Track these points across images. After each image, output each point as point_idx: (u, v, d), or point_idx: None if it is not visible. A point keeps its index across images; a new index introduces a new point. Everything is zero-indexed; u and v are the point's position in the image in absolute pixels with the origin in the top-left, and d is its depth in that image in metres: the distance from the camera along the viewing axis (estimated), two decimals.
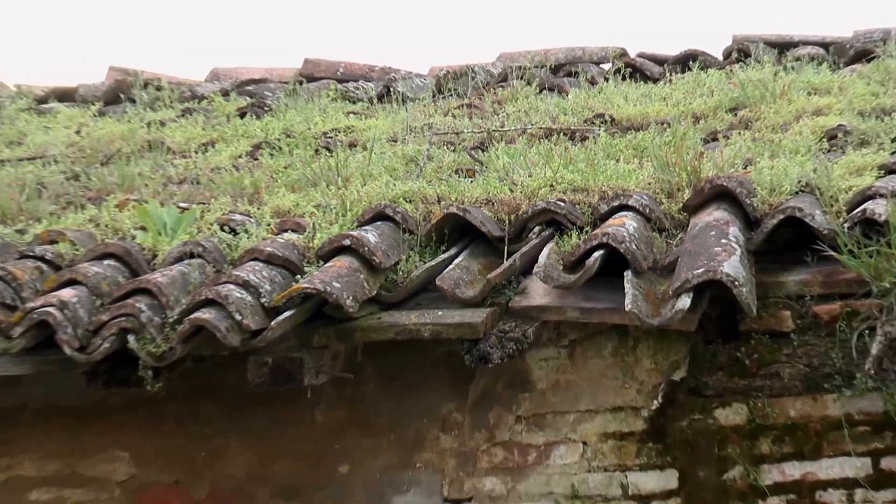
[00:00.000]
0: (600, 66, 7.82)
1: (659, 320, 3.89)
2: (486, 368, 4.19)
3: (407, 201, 4.86)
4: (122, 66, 8.56)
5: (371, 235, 4.45)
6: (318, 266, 4.38)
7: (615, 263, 4.12)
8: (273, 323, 4.04)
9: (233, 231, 4.82)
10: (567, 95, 7.00)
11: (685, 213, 4.59)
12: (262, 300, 4.15)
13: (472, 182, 5.07)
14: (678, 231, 4.51)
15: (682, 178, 4.79)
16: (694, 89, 6.75)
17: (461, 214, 4.59)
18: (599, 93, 6.97)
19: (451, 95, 7.33)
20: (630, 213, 4.47)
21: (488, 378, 4.43)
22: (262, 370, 4.11)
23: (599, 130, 5.90)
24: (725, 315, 4.18)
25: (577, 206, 4.64)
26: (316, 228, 4.67)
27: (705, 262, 3.94)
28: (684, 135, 5.21)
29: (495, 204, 4.74)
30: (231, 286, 4.13)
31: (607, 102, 6.62)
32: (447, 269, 4.33)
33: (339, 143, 6.15)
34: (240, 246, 4.62)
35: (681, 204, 4.64)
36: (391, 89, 7.54)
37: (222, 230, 4.84)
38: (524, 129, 6.05)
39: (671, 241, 4.45)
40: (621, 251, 4.10)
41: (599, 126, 6.03)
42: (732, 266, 3.92)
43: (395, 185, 5.10)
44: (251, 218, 4.98)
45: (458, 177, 5.25)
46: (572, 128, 6.01)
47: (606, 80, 7.35)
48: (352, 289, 4.15)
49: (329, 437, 4.58)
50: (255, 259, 4.38)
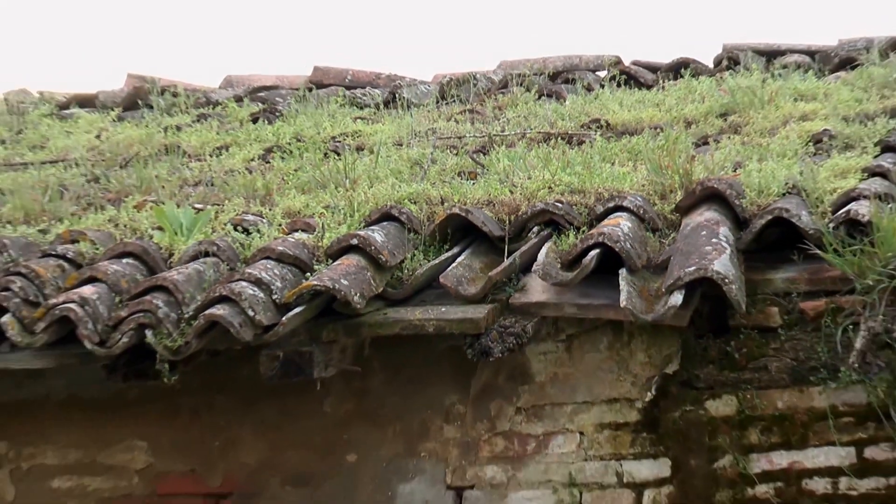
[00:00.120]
0: (596, 73, 7.78)
1: (652, 316, 3.90)
2: (487, 362, 4.19)
3: (412, 202, 4.86)
4: (139, 73, 8.55)
5: (377, 235, 4.45)
6: (327, 264, 4.38)
7: (611, 262, 4.12)
8: (284, 318, 4.04)
9: (246, 231, 4.82)
10: (565, 101, 6.98)
11: (677, 214, 4.58)
12: (274, 297, 4.15)
13: (473, 184, 5.07)
14: (671, 231, 4.51)
15: (675, 181, 4.79)
16: (686, 95, 6.73)
17: (463, 215, 4.59)
18: (595, 99, 6.95)
19: (454, 101, 7.31)
20: (625, 213, 4.47)
21: (489, 371, 4.43)
22: (274, 364, 4.10)
23: (595, 135, 5.89)
24: (716, 311, 4.18)
25: (574, 207, 4.64)
26: (325, 228, 4.67)
27: (697, 260, 3.95)
28: (676, 139, 5.21)
29: (496, 205, 4.73)
30: (244, 283, 4.13)
31: (603, 108, 6.61)
32: (450, 268, 4.33)
33: (347, 146, 6.14)
34: (252, 245, 4.62)
35: (673, 205, 4.64)
36: (397, 96, 7.52)
37: (236, 230, 4.84)
38: (524, 133, 6.05)
39: (664, 241, 4.44)
40: (616, 250, 4.10)
41: (595, 131, 6.02)
42: (722, 264, 3.92)
43: (400, 187, 5.10)
44: (263, 218, 4.98)
45: (461, 179, 5.25)
46: (570, 132, 6.00)
47: (602, 86, 7.32)
48: (359, 286, 4.15)
49: (337, 427, 4.58)
50: (267, 258, 4.38)
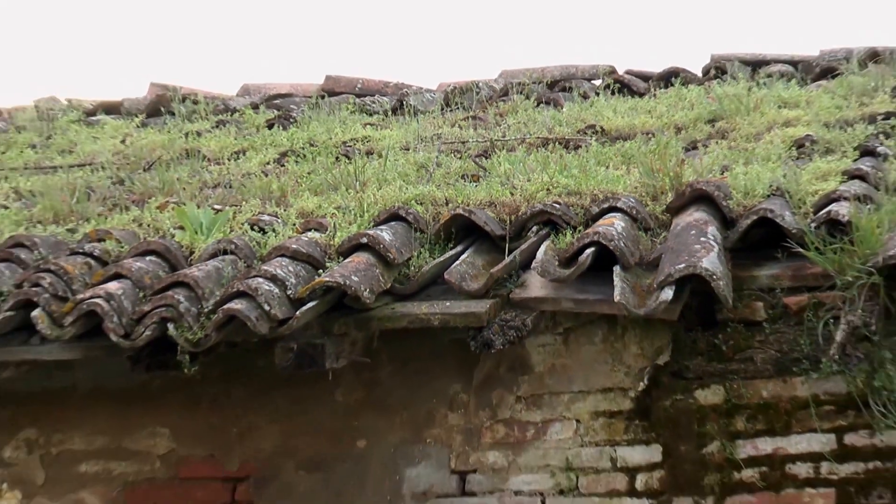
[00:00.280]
0: (592, 81, 7.77)
1: (644, 310, 3.89)
2: (489, 353, 4.18)
3: (418, 203, 4.86)
4: (162, 82, 8.54)
5: (386, 234, 4.45)
6: (338, 262, 4.37)
7: (605, 259, 4.12)
8: (298, 312, 4.04)
9: (262, 230, 4.82)
10: (562, 108, 6.97)
11: (668, 214, 4.58)
12: (288, 292, 4.15)
13: (476, 186, 5.06)
14: (662, 230, 4.50)
15: (666, 183, 4.78)
16: (676, 103, 6.72)
17: (467, 215, 4.59)
18: (591, 106, 6.93)
19: (458, 108, 7.30)
20: (618, 214, 4.46)
21: (491, 362, 4.43)
22: (288, 355, 4.11)
23: (591, 140, 5.88)
24: (704, 306, 4.18)
25: (571, 207, 4.64)
26: (336, 228, 4.67)
27: (686, 258, 3.95)
28: (667, 144, 5.20)
29: (497, 206, 4.73)
30: (260, 279, 4.13)
31: (598, 115, 6.59)
32: (454, 265, 4.32)
33: (357, 151, 6.14)
34: (268, 243, 4.62)
35: (664, 206, 4.63)
36: (404, 103, 7.51)
37: (252, 229, 4.84)
38: (523, 138, 6.04)
39: (655, 240, 4.44)
40: (611, 248, 4.10)
41: (591, 136, 6.02)
42: (711, 262, 3.92)
43: (407, 189, 5.10)
44: (278, 218, 4.98)
45: (464, 181, 5.24)
46: (567, 137, 5.99)
47: (597, 94, 7.31)
48: (369, 282, 4.15)
49: (348, 415, 4.58)
50: (282, 255, 4.38)
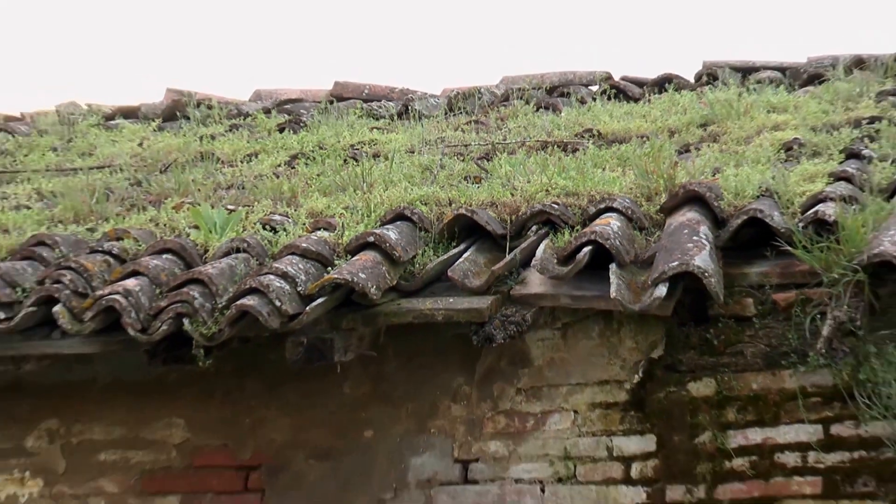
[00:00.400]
0: (589, 87, 7.74)
1: (639, 306, 3.89)
2: (490, 348, 4.18)
3: (423, 204, 4.85)
4: (177, 87, 8.53)
5: (392, 233, 4.45)
6: (346, 259, 4.38)
7: (602, 257, 4.11)
8: (308, 308, 4.04)
9: (273, 229, 4.82)
10: (560, 113, 6.96)
11: (662, 214, 4.57)
12: (299, 289, 4.15)
13: (478, 187, 5.06)
14: (656, 230, 4.49)
15: (660, 184, 4.77)
16: (669, 108, 6.70)
17: (469, 215, 4.59)
18: (588, 111, 6.91)
19: (461, 113, 7.29)
20: (614, 214, 4.46)
21: (493, 356, 4.42)
22: (298, 349, 4.11)
23: (588, 143, 5.87)
24: (697, 302, 4.17)
25: (569, 208, 4.63)
26: (344, 227, 4.67)
27: (679, 256, 3.94)
28: (661, 147, 5.19)
29: (499, 206, 4.72)
30: (272, 277, 4.13)
31: (595, 119, 6.58)
32: (457, 262, 4.32)
33: (365, 154, 6.13)
34: (279, 242, 4.62)
35: (658, 206, 4.62)
36: (409, 108, 7.50)
37: (264, 229, 4.84)
38: (523, 142, 6.03)
39: (650, 239, 4.43)
40: (607, 247, 4.09)
41: (588, 139, 6.00)
42: (703, 260, 3.91)
43: (412, 190, 5.09)
44: (289, 218, 4.98)
45: (467, 183, 5.23)
46: (565, 141, 5.98)
47: (594, 99, 7.28)
48: (375, 279, 4.15)
49: (356, 407, 4.58)
50: (293, 253, 4.38)
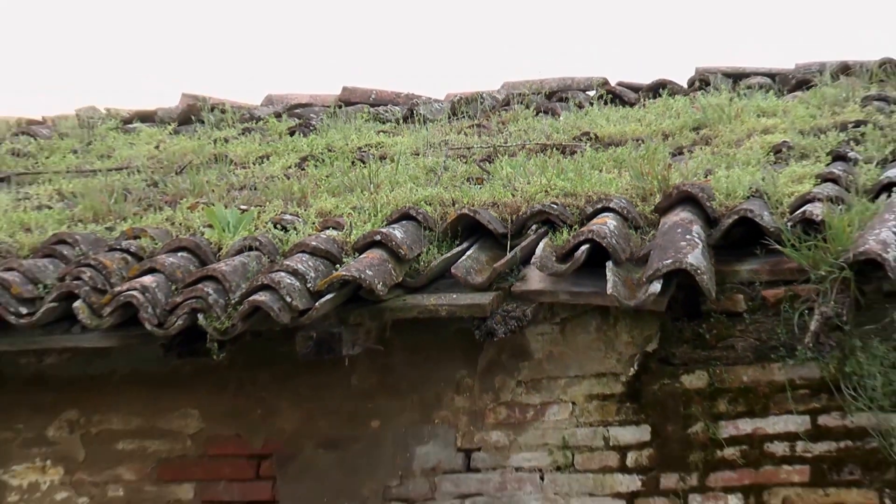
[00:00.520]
0: (586, 92, 7.73)
1: (635, 302, 3.89)
2: (492, 341, 4.19)
3: (427, 204, 4.85)
4: (192, 92, 8.52)
5: (398, 232, 4.45)
6: (354, 257, 4.38)
7: (599, 255, 4.12)
8: (317, 304, 4.05)
9: (284, 228, 4.82)
10: (559, 117, 6.95)
11: (656, 214, 4.57)
12: (308, 285, 4.15)
13: (480, 188, 5.06)
14: (650, 229, 4.49)
15: (654, 185, 4.77)
16: (663, 112, 6.69)
17: (472, 215, 4.59)
18: (586, 115, 6.90)
19: (464, 117, 7.28)
20: (611, 214, 4.46)
21: (494, 350, 4.42)
22: (308, 343, 4.12)
23: (585, 146, 5.86)
24: (690, 298, 4.17)
25: (567, 208, 4.63)
26: (352, 226, 4.68)
27: (673, 254, 3.94)
28: (655, 150, 5.19)
29: (500, 206, 4.72)
30: (282, 273, 4.14)
31: (592, 123, 6.57)
32: (460, 260, 4.32)
33: (372, 156, 6.13)
34: (289, 240, 4.63)
35: (653, 206, 4.62)
36: (414, 112, 7.50)
37: (275, 228, 4.84)
38: (524, 144, 6.03)
39: (645, 237, 4.43)
40: (604, 245, 4.10)
41: (586, 142, 6.00)
42: (695, 257, 3.92)
43: (417, 190, 5.09)
44: (299, 218, 4.98)
45: (469, 184, 5.23)
46: (563, 144, 5.98)
47: (591, 104, 7.27)
48: (382, 276, 4.15)
49: (363, 398, 4.58)
50: (303, 251, 4.38)
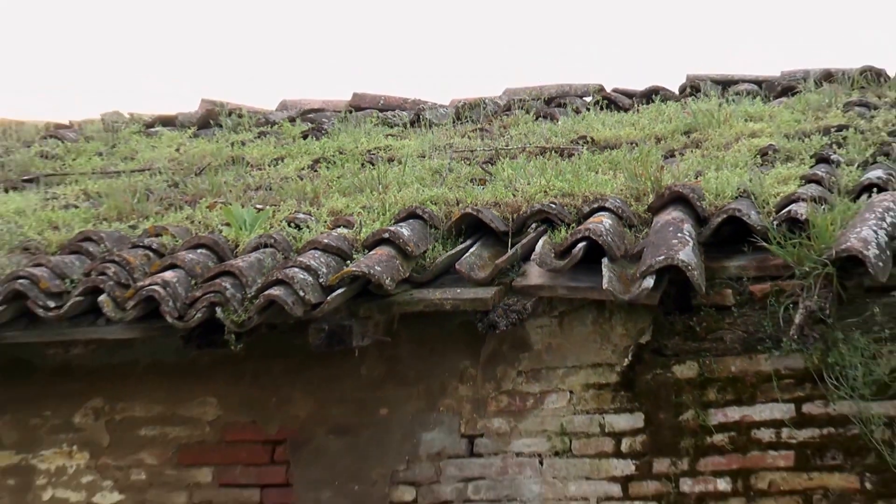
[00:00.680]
0: (583, 98, 7.71)
1: (629, 296, 3.90)
2: (494, 334, 4.21)
3: (433, 204, 4.85)
4: (211, 98, 8.52)
5: (405, 230, 4.46)
6: (363, 254, 4.39)
7: (595, 252, 4.12)
8: (329, 298, 4.06)
9: (297, 227, 4.83)
10: (557, 122, 6.94)
11: (649, 213, 4.57)
12: (320, 280, 4.17)
13: (483, 189, 5.06)
14: (644, 227, 4.49)
15: (647, 186, 4.77)
16: (656, 117, 6.68)
17: (475, 214, 4.59)
18: (583, 120, 6.90)
19: (467, 121, 7.28)
20: (606, 213, 4.46)
21: (496, 341, 4.43)
22: (320, 335, 4.13)
23: (582, 149, 5.87)
24: (681, 292, 4.17)
25: (565, 207, 4.63)
26: (362, 225, 4.68)
27: (665, 251, 3.95)
28: (649, 152, 5.18)
29: (501, 206, 4.72)
30: (296, 269, 4.15)
31: (589, 127, 6.56)
32: (464, 257, 4.33)
33: (380, 158, 6.14)
34: (303, 238, 4.64)
35: (646, 206, 4.62)
36: (420, 117, 7.50)
37: (289, 226, 4.85)
38: (524, 147, 6.03)
39: (638, 235, 4.43)
40: (600, 242, 4.10)
41: (582, 146, 6.00)
42: (686, 254, 3.92)
43: (423, 191, 5.09)
44: (312, 216, 4.99)
45: (473, 185, 5.23)
46: (561, 147, 5.98)
47: (588, 109, 7.26)
48: (390, 271, 4.16)
49: (372, 387, 4.59)
50: (315, 248, 4.39)
